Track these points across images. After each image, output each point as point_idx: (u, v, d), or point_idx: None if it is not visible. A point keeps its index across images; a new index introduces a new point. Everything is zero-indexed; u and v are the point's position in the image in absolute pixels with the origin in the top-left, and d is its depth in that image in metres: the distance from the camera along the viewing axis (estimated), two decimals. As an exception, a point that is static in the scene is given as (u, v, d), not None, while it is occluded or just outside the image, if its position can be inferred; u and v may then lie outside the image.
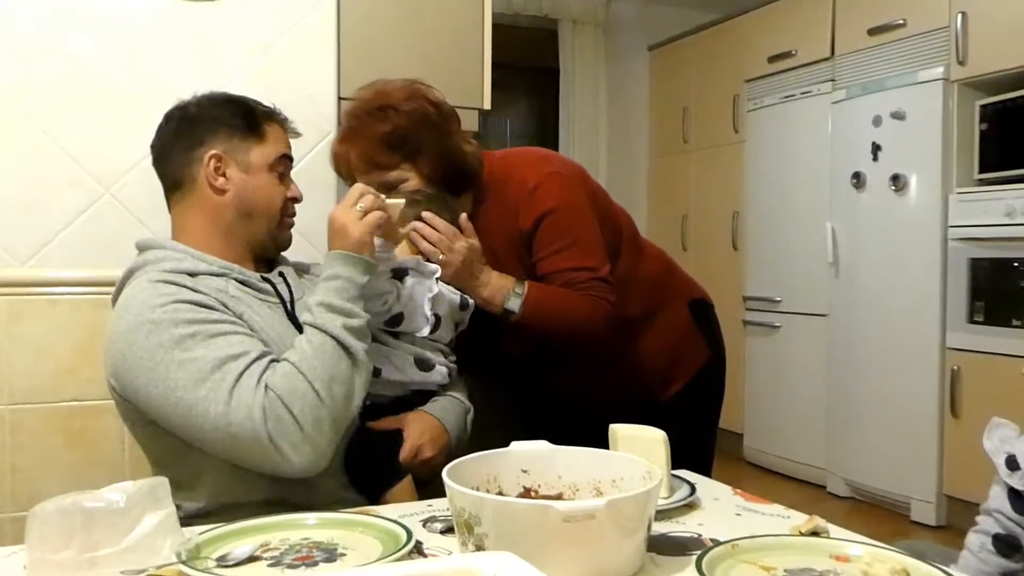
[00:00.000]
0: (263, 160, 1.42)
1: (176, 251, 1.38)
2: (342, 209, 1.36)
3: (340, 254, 1.34)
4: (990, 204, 3.27)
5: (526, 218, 1.65)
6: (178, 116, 1.44)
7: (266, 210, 1.44)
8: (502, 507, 0.88)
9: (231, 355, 1.23)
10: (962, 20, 3.40)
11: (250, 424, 1.20)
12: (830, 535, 1.01)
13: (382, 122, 1.60)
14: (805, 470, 4.10)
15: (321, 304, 1.30)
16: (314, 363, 1.25)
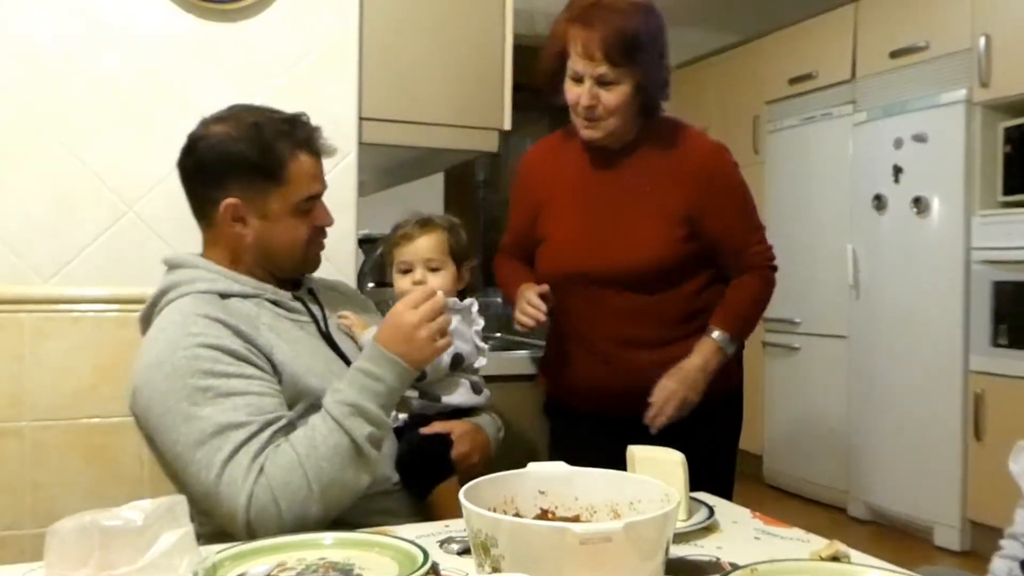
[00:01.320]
0: (284, 205, 1.37)
1: (210, 271, 1.37)
2: (412, 313, 1.30)
3: (395, 362, 1.28)
4: (1014, 226, 3.24)
5: (716, 172, 1.81)
6: (194, 148, 1.38)
7: (288, 252, 1.41)
8: (518, 529, 0.88)
9: (234, 423, 1.21)
10: (985, 42, 3.38)
11: (233, 504, 1.19)
12: (851, 560, 1.00)
13: (630, 19, 1.66)
14: (825, 493, 4.05)
15: (353, 406, 1.25)
16: (321, 464, 1.22)
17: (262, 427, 1.23)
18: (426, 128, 2.00)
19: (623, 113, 1.73)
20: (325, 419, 1.25)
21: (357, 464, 1.25)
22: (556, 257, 1.83)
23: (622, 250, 1.76)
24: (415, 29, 2.00)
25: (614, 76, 1.67)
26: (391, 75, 1.97)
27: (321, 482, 1.21)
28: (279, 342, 1.33)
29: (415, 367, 1.31)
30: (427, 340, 1.30)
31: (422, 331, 1.30)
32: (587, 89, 1.69)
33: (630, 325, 1.79)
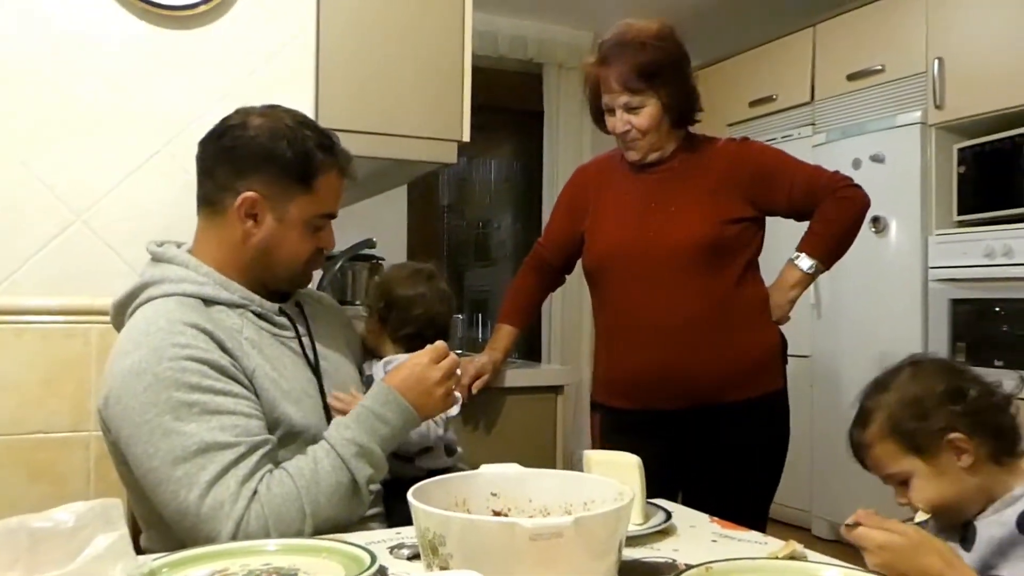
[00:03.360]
0: (302, 215, 1.34)
1: (199, 274, 1.32)
2: (436, 369, 1.32)
3: (408, 411, 1.29)
4: (969, 245, 3.29)
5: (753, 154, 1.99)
6: (232, 134, 1.34)
7: (287, 264, 1.37)
8: (466, 525, 0.85)
9: (220, 443, 1.17)
10: (939, 66, 3.45)
11: (217, 527, 1.14)
12: (807, 560, 0.99)
13: (644, 51, 1.89)
14: (789, 512, 4.05)
15: (361, 447, 1.24)
16: (320, 499, 1.20)
17: (250, 450, 1.19)
18: (384, 139, 1.98)
19: (656, 131, 1.94)
20: (330, 455, 1.23)
21: (352, 503, 1.23)
22: (606, 241, 1.99)
23: (668, 228, 1.91)
24: (374, 39, 1.98)
25: (637, 101, 1.90)
26: (349, 85, 1.95)
27: (316, 517, 1.19)
28: (261, 362, 1.29)
29: (422, 419, 1.33)
30: (442, 397, 1.33)
31: (440, 388, 1.32)
32: (619, 118, 1.93)
33: (675, 309, 1.88)
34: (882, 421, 1.25)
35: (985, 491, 1.21)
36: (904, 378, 1.28)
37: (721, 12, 4.49)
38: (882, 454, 1.26)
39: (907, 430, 1.22)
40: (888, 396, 1.26)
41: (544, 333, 5.01)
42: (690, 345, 1.88)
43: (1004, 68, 3.23)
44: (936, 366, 1.30)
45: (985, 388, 1.25)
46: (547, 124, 5.07)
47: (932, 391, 1.23)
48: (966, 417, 1.21)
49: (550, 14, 4.82)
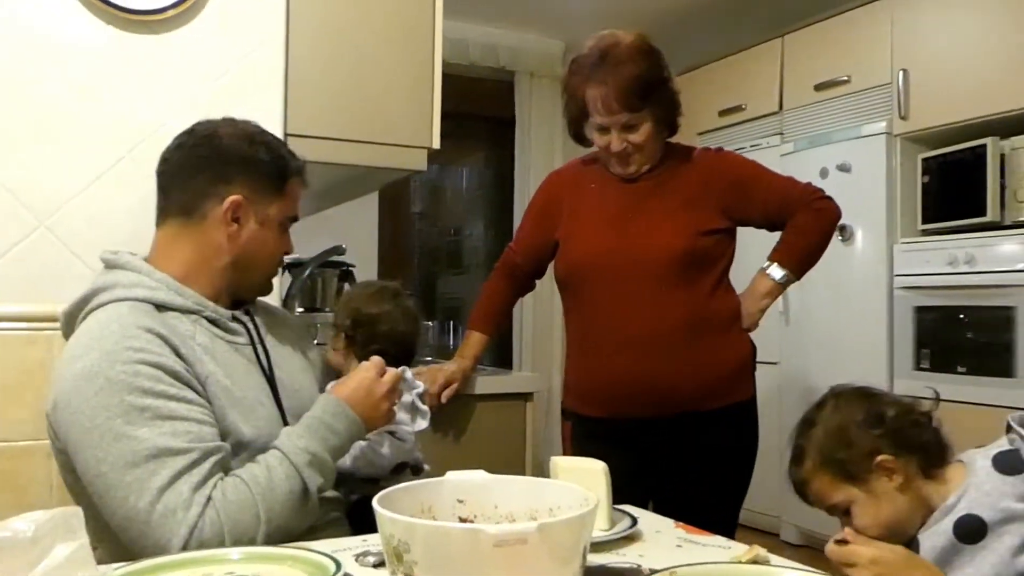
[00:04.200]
0: (278, 216, 1.38)
1: (153, 279, 1.31)
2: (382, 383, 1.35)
3: (356, 423, 1.32)
4: (933, 254, 3.35)
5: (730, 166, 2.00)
6: (209, 143, 1.36)
7: (265, 266, 1.40)
8: (431, 532, 0.85)
9: (172, 448, 1.15)
10: (903, 77, 3.51)
11: (168, 534, 1.12)
12: (770, 564, 1.00)
13: (637, 65, 1.86)
14: (758, 518, 4.07)
15: (314, 455, 1.25)
16: (275, 506, 1.19)
17: (203, 456, 1.17)
18: (354, 145, 1.98)
19: (651, 146, 1.94)
20: (283, 463, 1.22)
21: (303, 511, 1.23)
22: (582, 249, 1.98)
23: (644, 239, 1.92)
24: (343, 45, 1.98)
25: (636, 119, 1.88)
26: (318, 91, 1.95)
27: (270, 524, 1.18)
28: (214, 369, 1.27)
29: (367, 431, 1.36)
30: (388, 410, 1.36)
31: (386, 403, 1.36)
32: (615, 137, 1.90)
33: (650, 319, 1.89)
34: (814, 456, 1.30)
35: (923, 505, 1.24)
36: (827, 411, 1.33)
37: (691, 22, 4.53)
38: (820, 487, 1.30)
39: (837, 460, 1.27)
40: (816, 431, 1.31)
41: (515, 340, 5.01)
42: (664, 355, 1.89)
43: (967, 80, 3.29)
44: (855, 394, 1.34)
45: (903, 407, 1.30)
46: (519, 132, 5.09)
47: (853, 419, 1.28)
48: (888, 438, 1.25)
49: (522, 23, 4.84)
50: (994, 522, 1.17)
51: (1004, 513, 1.16)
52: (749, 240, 2.12)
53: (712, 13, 4.50)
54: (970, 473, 1.22)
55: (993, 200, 3.17)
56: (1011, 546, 1.15)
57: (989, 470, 1.20)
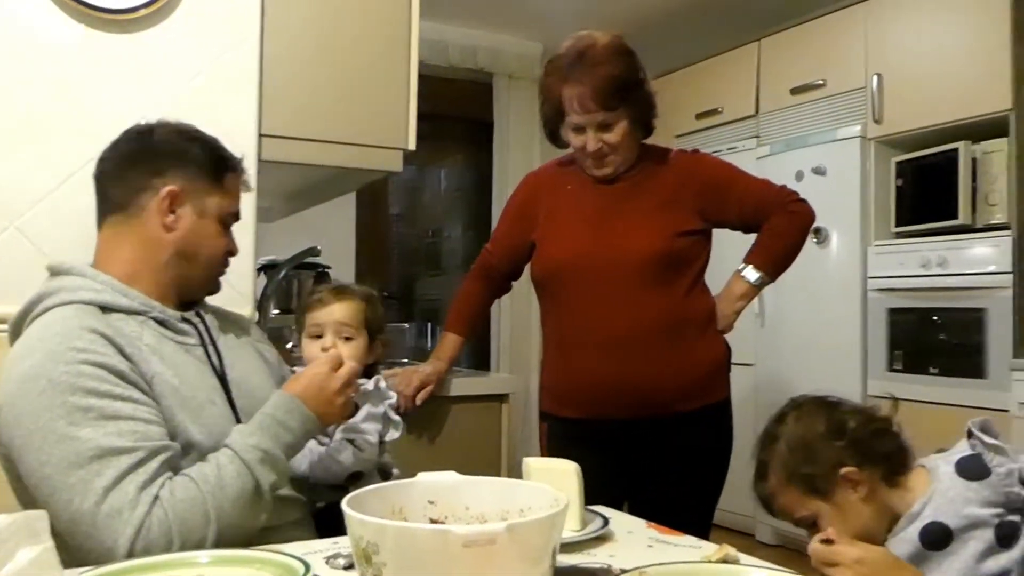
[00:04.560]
0: (218, 210, 1.38)
1: (97, 281, 1.30)
2: (336, 378, 1.33)
3: (311, 419, 1.30)
4: (907, 256, 3.38)
5: (705, 168, 2.02)
6: (142, 139, 1.38)
7: (208, 259, 1.39)
8: (400, 533, 0.85)
9: (117, 448, 1.14)
10: (877, 81, 3.55)
11: (115, 535, 1.10)
12: (740, 563, 1.00)
13: (613, 65, 1.87)
14: (733, 519, 4.10)
15: (266, 452, 1.23)
16: (225, 505, 1.18)
17: (149, 455, 1.16)
18: (329, 146, 1.97)
19: (626, 146, 1.94)
20: (234, 460, 1.21)
21: (257, 510, 1.22)
22: (559, 251, 1.98)
23: (621, 240, 1.92)
24: (319, 46, 1.97)
25: (612, 119, 1.89)
26: (293, 92, 1.94)
27: (220, 522, 1.16)
28: (161, 368, 1.26)
29: (323, 427, 1.35)
30: (342, 406, 1.35)
31: (341, 397, 1.34)
32: (591, 136, 1.91)
33: (627, 321, 1.89)
34: (778, 471, 1.30)
35: (888, 513, 1.25)
36: (789, 425, 1.33)
37: (669, 25, 4.55)
38: (786, 502, 1.31)
39: (802, 475, 1.27)
40: (779, 446, 1.32)
41: (493, 342, 5.01)
42: (641, 356, 1.89)
43: (940, 84, 3.33)
44: (815, 405, 1.35)
45: (863, 416, 1.31)
46: (497, 134, 5.09)
47: (815, 431, 1.29)
48: (851, 448, 1.26)
49: (500, 24, 4.84)
50: (959, 528, 1.18)
51: (968, 519, 1.18)
52: (725, 242, 2.13)
53: (690, 16, 4.52)
54: (934, 479, 1.23)
55: (965, 203, 3.21)
56: (976, 552, 1.17)
57: (953, 476, 1.22)
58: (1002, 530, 1.17)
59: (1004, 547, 1.17)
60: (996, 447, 1.21)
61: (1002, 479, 1.19)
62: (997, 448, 1.21)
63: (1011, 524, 1.18)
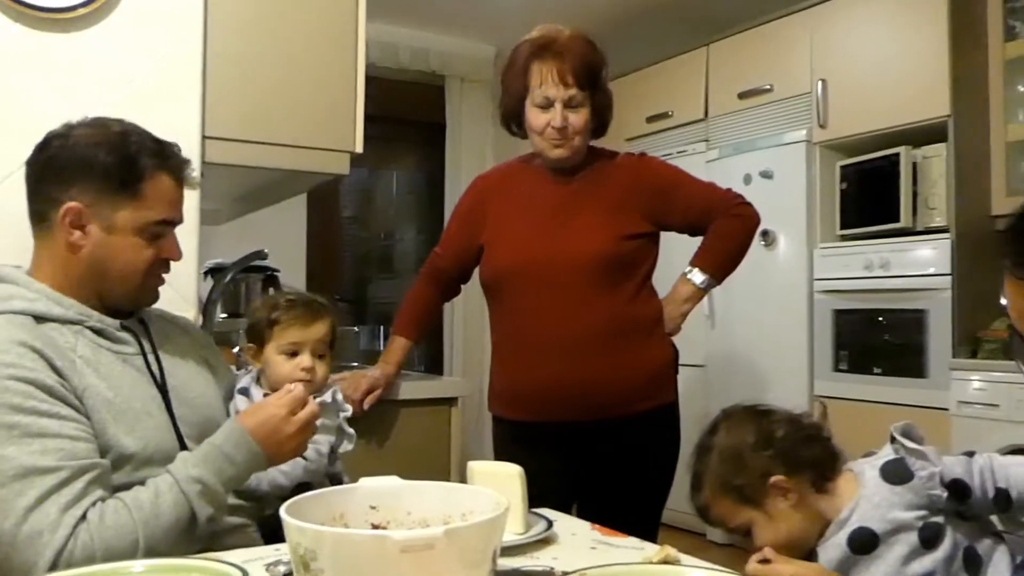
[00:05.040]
0: (131, 223, 1.29)
1: (31, 290, 1.27)
2: (292, 422, 1.28)
3: (258, 456, 1.26)
4: (851, 259, 3.45)
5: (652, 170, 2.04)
6: (55, 145, 1.30)
7: (122, 275, 1.31)
8: (337, 539, 0.84)
9: (40, 468, 1.11)
10: (822, 87, 3.62)
11: (34, 556, 1.08)
12: (680, 563, 1.01)
13: (590, 50, 1.94)
14: (685, 519, 4.13)
15: (205, 485, 1.21)
16: (157, 533, 1.15)
17: (74, 474, 1.13)
18: (274, 149, 1.94)
19: (585, 133, 1.96)
20: (173, 489, 1.19)
21: (189, 540, 1.19)
22: (507, 254, 1.99)
23: (569, 243, 1.92)
24: (263, 47, 1.95)
25: (581, 99, 1.91)
26: (238, 93, 1.91)
27: (150, 553, 1.14)
28: (95, 381, 1.23)
29: (269, 466, 1.31)
30: (294, 449, 1.31)
31: (293, 441, 1.30)
32: (558, 112, 1.91)
33: (574, 324, 1.90)
34: (711, 482, 1.32)
35: (819, 519, 1.28)
36: (720, 436, 1.35)
37: (620, 29, 4.59)
38: (720, 512, 1.33)
39: (734, 486, 1.29)
40: (711, 458, 1.33)
41: (446, 345, 5.00)
42: (588, 359, 1.90)
43: (882, 90, 3.40)
44: (744, 415, 1.37)
45: (792, 424, 1.33)
46: (449, 137, 5.08)
47: (745, 442, 1.31)
48: (780, 457, 1.28)
49: (452, 27, 4.84)
50: (884, 532, 1.21)
51: (893, 524, 1.21)
52: (672, 245, 2.15)
53: (640, 21, 4.57)
54: (860, 485, 1.26)
55: (906, 207, 3.29)
56: (901, 555, 1.20)
57: (878, 481, 1.25)
58: (926, 532, 1.21)
59: (928, 549, 1.20)
60: (917, 451, 1.24)
61: (924, 482, 1.22)
62: (919, 452, 1.24)
63: (935, 526, 1.21)
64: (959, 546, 1.22)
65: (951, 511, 1.24)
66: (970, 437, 2.84)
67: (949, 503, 1.23)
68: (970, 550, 1.22)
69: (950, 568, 1.20)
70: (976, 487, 1.23)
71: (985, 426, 2.86)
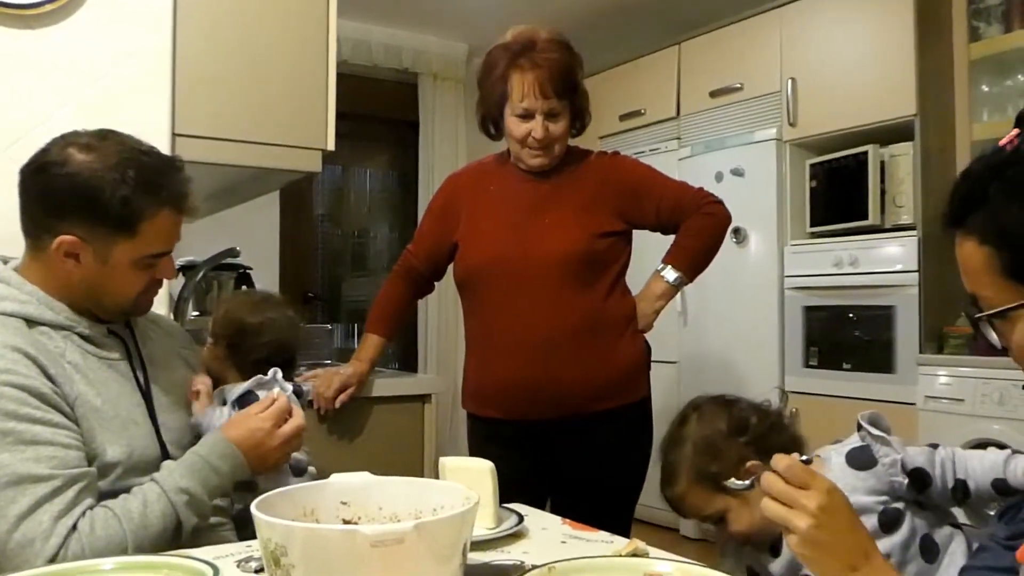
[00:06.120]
0: (128, 257, 1.27)
1: (23, 292, 1.26)
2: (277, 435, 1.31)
3: (243, 467, 1.29)
4: (820, 256, 3.49)
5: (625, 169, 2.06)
6: (50, 172, 1.24)
7: (116, 300, 1.31)
8: (307, 534, 0.85)
9: (34, 475, 1.12)
10: (792, 85, 3.66)
11: (24, 566, 1.07)
12: (648, 556, 1.03)
13: (566, 55, 1.93)
14: (658, 514, 4.17)
15: (192, 496, 1.23)
16: (145, 543, 1.17)
17: (66, 483, 1.14)
18: (245, 146, 1.93)
19: (564, 140, 1.98)
20: (160, 500, 1.20)
21: (172, 545, 1.20)
22: (480, 252, 1.99)
23: (542, 242, 1.94)
24: (234, 44, 1.94)
25: (560, 108, 1.93)
26: (208, 90, 1.90)
27: (137, 550, 1.15)
28: (84, 388, 1.24)
29: (253, 474, 1.34)
30: (278, 460, 1.34)
31: (278, 453, 1.33)
32: (539, 124, 1.92)
33: (548, 321, 1.91)
34: (687, 473, 1.34)
35: None
36: (692, 426, 1.37)
37: (592, 28, 4.60)
38: (695, 502, 1.35)
39: (710, 474, 1.31)
40: (685, 449, 1.35)
41: (420, 342, 5.00)
42: (562, 357, 1.92)
43: (851, 89, 3.45)
44: (715, 405, 1.40)
45: (761, 412, 1.37)
46: (423, 134, 5.07)
47: (719, 431, 1.33)
48: (753, 445, 1.31)
49: (425, 25, 4.83)
50: None
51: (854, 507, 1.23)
52: (645, 243, 2.17)
53: (612, 19, 4.59)
54: (826, 470, 1.29)
55: (874, 205, 3.33)
56: None
57: (843, 466, 1.28)
58: (884, 517, 1.24)
59: (886, 532, 1.23)
60: (882, 439, 1.27)
61: (887, 469, 1.25)
62: (883, 440, 1.27)
63: (893, 511, 1.24)
64: (917, 533, 1.25)
65: (911, 499, 1.27)
66: (936, 431, 2.88)
67: (910, 491, 1.26)
68: (927, 538, 1.25)
69: (906, 553, 1.23)
70: (937, 477, 1.26)
71: (951, 420, 2.91)
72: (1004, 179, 0.84)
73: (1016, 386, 2.71)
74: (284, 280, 4.66)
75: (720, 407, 1.37)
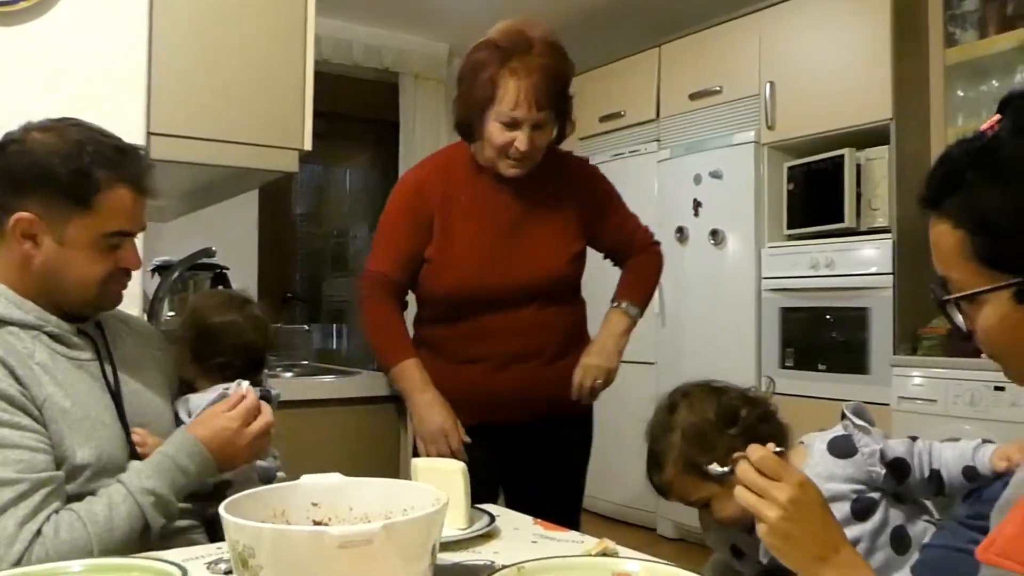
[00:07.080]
0: (86, 235, 1.26)
1: None
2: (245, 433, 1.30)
3: (210, 465, 1.28)
4: (797, 258, 3.52)
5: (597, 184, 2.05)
6: (10, 150, 1.25)
7: (76, 286, 1.28)
8: (275, 535, 0.85)
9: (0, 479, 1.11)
10: (770, 89, 3.68)
11: None
12: (618, 555, 1.04)
13: (559, 63, 1.82)
14: (636, 514, 4.20)
15: (159, 497, 1.22)
16: (111, 546, 1.16)
17: (32, 488, 1.13)
18: (221, 146, 1.92)
19: (544, 149, 1.90)
20: (127, 501, 1.19)
21: (138, 547, 1.19)
22: (456, 275, 1.92)
23: (523, 266, 1.92)
24: (210, 42, 1.92)
25: (548, 119, 1.84)
26: (184, 89, 1.89)
27: (103, 552, 1.14)
28: (53, 390, 1.22)
29: (221, 472, 1.33)
30: (247, 458, 1.33)
31: (247, 452, 1.32)
32: (525, 135, 1.81)
33: (525, 340, 1.92)
34: (675, 460, 1.35)
35: None
36: (682, 414, 1.37)
37: (573, 29, 4.60)
38: (682, 488, 1.36)
39: (699, 463, 1.31)
40: (673, 436, 1.35)
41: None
42: (542, 367, 1.95)
43: (829, 93, 3.48)
44: (703, 393, 1.40)
45: (750, 402, 1.38)
46: (403, 134, 5.06)
47: (708, 420, 1.34)
48: (744, 435, 1.31)
49: (406, 24, 4.83)
50: None
51: (829, 493, 1.24)
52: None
53: (593, 21, 4.60)
54: (807, 456, 1.31)
55: (850, 207, 3.36)
56: None
57: (824, 453, 1.30)
58: (858, 504, 1.26)
59: (858, 520, 1.25)
60: (864, 428, 1.29)
61: (866, 459, 1.28)
62: (865, 430, 1.29)
63: (868, 500, 1.27)
64: (889, 523, 1.27)
65: (890, 491, 1.29)
66: (909, 431, 2.83)
67: (889, 482, 1.28)
68: (900, 529, 1.27)
69: (875, 540, 1.26)
70: (915, 467, 1.29)
71: (924, 420, 2.93)
72: (982, 164, 0.86)
73: (988, 387, 2.74)
74: (263, 280, 4.63)
75: (709, 394, 1.38)
